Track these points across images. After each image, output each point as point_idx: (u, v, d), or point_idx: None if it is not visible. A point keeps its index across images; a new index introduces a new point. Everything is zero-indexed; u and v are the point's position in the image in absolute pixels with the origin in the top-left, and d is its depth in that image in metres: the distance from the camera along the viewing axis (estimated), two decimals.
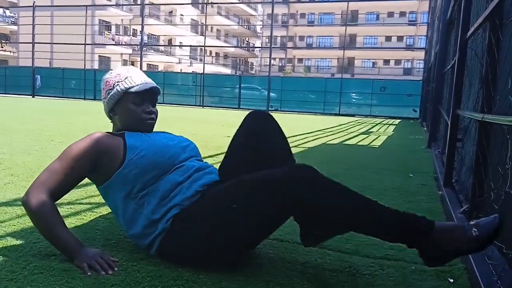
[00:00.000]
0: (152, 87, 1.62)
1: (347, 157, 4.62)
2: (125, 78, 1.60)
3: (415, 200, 2.65)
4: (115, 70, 1.66)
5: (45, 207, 1.42)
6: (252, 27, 47.23)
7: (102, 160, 1.51)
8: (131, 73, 1.63)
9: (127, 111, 1.60)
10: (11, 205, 2.10)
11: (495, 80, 1.96)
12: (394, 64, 42.95)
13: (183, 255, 1.44)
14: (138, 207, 1.49)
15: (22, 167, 3.08)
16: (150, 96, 1.63)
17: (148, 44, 27.04)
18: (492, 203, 1.66)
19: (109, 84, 1.62)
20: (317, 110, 17.34)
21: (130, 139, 1.55)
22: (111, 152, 1.51)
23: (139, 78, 1.62)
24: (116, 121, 1.64)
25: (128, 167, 1.49)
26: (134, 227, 1.51)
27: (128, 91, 1.59)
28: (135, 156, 1.50)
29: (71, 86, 20.92)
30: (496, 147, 1.78)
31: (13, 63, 33.22)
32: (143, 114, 1.61)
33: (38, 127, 6.05)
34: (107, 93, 1.61)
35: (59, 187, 1.47)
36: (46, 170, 1.48)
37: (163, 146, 1.56)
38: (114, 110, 1.62)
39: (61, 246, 1.44)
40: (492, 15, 1.95)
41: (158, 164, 1.50)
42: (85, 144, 1.50)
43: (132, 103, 1.59)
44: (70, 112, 10.20)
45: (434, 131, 6.08)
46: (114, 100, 1.60)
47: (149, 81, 1.63)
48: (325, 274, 1.46)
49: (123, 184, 1.50)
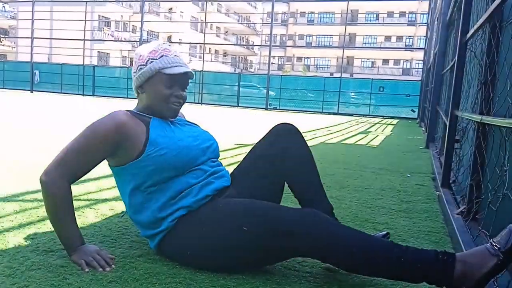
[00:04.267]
0: (187, 72, 1.52)
1: (345, 156, 4.63)
2: (160, 57, 1.51)
3: (413, 200, 2.66)
4: (150, 44, 1.56)
5: (61, 193, 1.40)
6: (251, 25, 47.17)
7: (122, 146, 1.44)
8: (167, 52, 1.53)
9: (156, 92, 1.51)
10: (9, 201, 2.10)
11: (494, 82, 1.97)
12: (393, 64, 42.96)
13: (182, 256, 1.44)
14: (145, 201, 1.47)
15: (21, 164, 3.07)
16: (182, 79, 1.54)
17: (147, 41, 26.95)
18: (489, 205, 1.67)
19: (142, 59, 1.52)
20: (316, 109, 17.35)
21: (154, 130, 1.48)
22: (133, 140, 1.45)
23: (175, 60, 1.52)
24: (143, 98, 1.55)
25: (145, 162, 1.44)
26: (139, 216, 1.49)
27: (162, 71, 1.49)
28: (154, 153, 1.44)
29: (69, 82, 20.85)
30: (494, 148, 1.79)
31: (12, 57, 33.11)
32: (172, 98, 1.52)
33: (38, 123, 6.03)
34: (139, 68, 1.53)
35: (77, 170, 1.43)
36: (66, 150, 1.43)
37: (184, 147, 1.49)
38: (143, 87, 1.54)
39: (63, 236, 1.43)
40: (492, 17, 1.96)
41: (175, 166, 1.46)
42: (107, 127, 1.43)
43: (163, 84, 1.50)
44: (70, 108, 10.16)
45: (432, 132, 6.09)
46: (145, 77, 1.51)
47: (184, 64, 1.54)
48: (322, 273, 1.46)
49: (134, 175, 1.46)
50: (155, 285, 1.28)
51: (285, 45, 42.46)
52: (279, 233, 1.32)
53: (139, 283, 1.29)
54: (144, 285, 1.28)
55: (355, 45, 40.25)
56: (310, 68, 43.88)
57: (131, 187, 1.48)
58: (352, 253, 1.28)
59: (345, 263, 1.33)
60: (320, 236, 1.30)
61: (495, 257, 1.17)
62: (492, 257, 1.18)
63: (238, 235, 1.36)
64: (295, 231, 1.30)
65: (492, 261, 1.18)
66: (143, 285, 1.28)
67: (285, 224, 1.33)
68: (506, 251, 1.16)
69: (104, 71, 21.69)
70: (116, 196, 2.33)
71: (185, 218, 1.44)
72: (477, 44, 2.65)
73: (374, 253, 1.28)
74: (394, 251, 1.27)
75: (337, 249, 1.29)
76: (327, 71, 42.24)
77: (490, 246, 1.20)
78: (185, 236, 1.42)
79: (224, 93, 19.22)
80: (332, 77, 22.01)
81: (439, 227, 2.10)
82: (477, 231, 1.76)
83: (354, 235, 1.32)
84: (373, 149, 5.71)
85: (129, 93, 19.97)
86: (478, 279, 1.19)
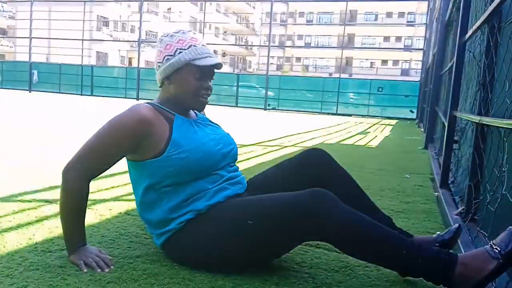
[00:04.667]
0: (218, 63, 1.47)
1: (344, 157, 4.62)
2: (188, 47, 1.44)
3: (412, 201, 2.66)
4: (176, 33, 1.49)
5: (77, 192, 1.40)
6: (250, 25, 47.17)
7: (144, 142, 1.40)
8: (195, 42, 1.46)
9: (185, 84, 1.45)
10: (8, 201, 2.09)
11: (493, 82, 1.97)
12: (392, 65, 42.99)
13: (186, 258, 1.43)
14: (158, 200, 1.44)
15: (19, 164, 3.07)
16: (211, 70, 1.49)
17: (146, 41, 26.94)
18: (488, 205, 1.67)
19: (170, 48, 1.45)
20: (315, 109, 17.34)
21: (177, 130, 1.43)
22: (155, 137, 1.40)
23: (204, 50, 1.46)
24: (169, 89, 1.49)
25: (164, 162, 1.40)
26: (148, 214, 1.47)
27: (192, 62, 1.43)
28: (175, 154, 1.40)
29: (68, 82, 20.82)
30: (492, 149, 1.79)
31: (10, 57, 33.04)
32: (202, 90, 1.47)
33: (36, 123, 6.02)
34: (166, 59, 1.45)
35: (98, 167, 1.42)
36: (87, 147, 1.40)
37: (206, 153, 1.45)
38: (170, 79, 1.47)
39: (67, 234, 1.43)
40: (490, 18, 1.96)
41: (194, 171, 1.43)
42: (130, 123, 1.39)
43: (192, 76, 1.44)
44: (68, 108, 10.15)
45: (431, 132, 6.10)
46: (173, 68, 1.45)
47: (213, 55, 1.48)
48: (321, 274, 1.46)
49: (151, 173, 1.43)
50: (154, 286, 1.28)
51: (284, 46, 42.46)
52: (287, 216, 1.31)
53: (138, 283, 1.29)
54: (142, 285, 1.28)
55: (354, 46, 40.27)
56: (309, 69, 43.91)
57: (146, 184, 1.45)
58: (358, 235, 1.28)
59: (350, 245, 1.31)
60: (329, 214, 1.28)
61: (495, 260, 1.18)
62: (492, 260, 1.18)
63: (244, 230, 1.35)
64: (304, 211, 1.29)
65: (492, 264, 1.18)
66: (141, 286, 1.28)
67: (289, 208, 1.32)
68: (506, 253, 1.16)
69: (103, 71, 21.67)
70: (114, 196, 2.32)
71: (192, 222, 1.42)
72: (475, 45, 2.65)
73: (379, 239, 1.27)
74: (399, 241, 1.27)
75: (344, 229, 1.28)
76: (326, 71, 42.24)
77: (490, 248, 1.20)
78: (191, 238, 1.41)
79: (222, 93, 19.19)
80: (331, 78, 22.00)
81: (437, 228, 2.10)
82: (475, 232, 1.76)
83: (363, 218, 1.31)
84: (372, 149, 5.72)
85: (127, 93, 19.95)
86: (476, 282, 1.19)
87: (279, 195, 1.40)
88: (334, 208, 1.29)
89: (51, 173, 2.72)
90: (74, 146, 1.47)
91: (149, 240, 1.68)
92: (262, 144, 5.34)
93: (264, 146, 5.15)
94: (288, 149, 5.02)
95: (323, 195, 1.31)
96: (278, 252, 1.45)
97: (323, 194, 1.31)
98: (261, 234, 1.35)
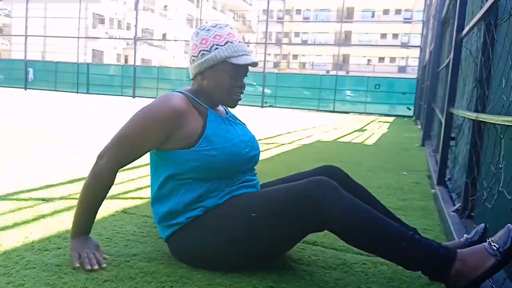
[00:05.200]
0: (254, 62, 1.44)
1: (341, 154, 4.63)
2: (225, 43, 1.41)
3: (409, 198, 2.67)
4: (213, 27, 1.45)
5: (103, 182, 1.40)
6: (247, 23, 47.09)
7: (176, 133, 1.38)
8: (232, 38, 1.43)
9: (220, 81, 1.43)
10: (4, 199, 2.08)
11: (489, 79, 1.97)
12: (389, 62, 43.03)
13: (189, 253, 1.43)
14: (174, 190, 1.43)
15: (16, 163, 3.05)
16: (246, 69, 1.46)
17: (142, 38, 26.88)
18: (484, 202, 1.68)
19: (206, 43, 1.42)
20: (312, 106, 17.36)
21: (211, 126, 1.42)
22: (188, 130, 1.39)
23: (241, 48, 1.43)
24: (202, 84, 1.47)
25: (192, 155, 1.38)
26: (161, 203, 1.46)
27: (228, 60, 1.40)
28: (205, 150, 1.38)
29: (63, 80, 20.75)
30: (489, 146, 1.79)
31: (6, 55, 32.87)
32: (236, 88, 1.45)
33: (33, 121, 6.00)
34: (201, 54, 1.42)
35: (127, 157, 1.40)
36: (118, 137, 1.39)
37: (235, 154, 1.43)
38: (204, 74, 1.45)
39: (78, 217, 1.43)
40: (487, 15, 1.96)
41: (221, 170, 1.41)
42: (162, 115, 1.36)
43: (227, 74, 1.42)
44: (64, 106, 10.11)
45: (428, 129, 6.11)
46: (208, 65, 1.42)
47: (249, 53, 1.45)
48: (319, 271, 1.46)
49: (176, 163, 1.40)
50: (151, 284, 1.28)
51: (280, 43, 42.42)
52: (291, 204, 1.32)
53: (135, 281, 1.29)
54: (139, 283, 1.28)
55: (351, 43, 40.28)
56: (306, 66, 43.87)
57: (167, 173, 1.42)
58: (359, 223, 1.27)
59: (350, 233, 1.30)
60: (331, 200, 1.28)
61: (493, 257, 1.18)
62: (490, 257, 1.19)
63: (249, 223, 1.35)
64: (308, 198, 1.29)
65: (490, 261, 1.18)
66: (138, 284, 1.28)
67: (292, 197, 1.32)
68: (505, 251, 1.17)
69: (99, 68, 21.60)
70: (111, 195, 2.31)
71: (200, 219, 1.41)
72: (472, 42, 2.66)
73: (379, 228, 1.27)
74: (400, 234, 1.26)
75: (346, 215, 1.27)
76: (323, 68, 42.21)
77: (488, 245, 1.21)
78: (197, 232, 1.40)
79: None
80: (328, 75, 22.00)
81: (434, 225, 2.10)
82: (472, 229, 1.76)
83: (366, 207, 1.30)
84: (369, 147, 5.72)
85: (123, 91, 19.90)
86: (473, 279, 1.19)
87: (280, 186, 1.41)
88: (335, 195, 1.29)
89: (47, 172, 2.71)
90: (71, 145, 1.46)
91: (146, 239, 1.67)
92: (259, 142, 5.33)
93: (261, 144, 5.15)
94: (285, 147, 5.02)
95: (324, 183, 1.31)
96: (284, 244, 1.43)
97: (324, 182, 1.32)
98: (266, 225, 1.35)
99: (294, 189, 1.35)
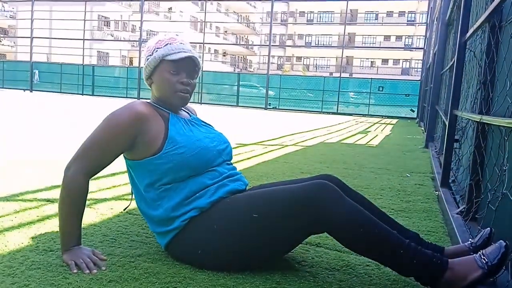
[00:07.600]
0: (191, 56, 1.49)
1: (344, 156, 4.63)
2: (165, 45, 1.49)
3: (412, 200, 2.66)
4: (158, 35, 1.57)
5: (76, 190, 1.41)
6: (251, 25, 47.16)
7: (141, 139, 1.43)
8: (172, 41, 1.51)
9: (163, 80, 1.49)
10: (9, 200, 2.10)
11: (493, 81, 1.97)
12: (392, 64, 42.99)
13: (191, 256, 1.43)
14: (159, 199, 1.45)
15: (21, 164, 3.07)
16: (188, 66, 1.51)
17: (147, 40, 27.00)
18: (489, 204, 1.67)
19: (149, 49, 1.52)
20: (315, 108, 17.36)
21: (173, 128, 1.47)
22: (152, 134, 1.44)
23: (179, 46, 1.50)
24: (153, 89, 1.54)
25: (162, 159, 1.43)
26: (150, 212, 1.48)
27: (165, 58, 1.48)
28: (172, 150, 1.43)
29: (69, 81, 20.85)
30: (493, 148, 1.79)
31: (11, 57, 33.09)
32: (178, 85, 1.49)
33: (38, 122, 6.02)
34: (146, 59, 1.52)
35: (97, 164, 1.43)
36: (85, 144, 1.43)
37: (203, 148, 1.48)
38: (151, 78, 1.53)
39: (63, 231, 1.42)
40: (491, 17, 1.96)
41: (193, 166, 1.45)
42: (126, 119, 1.42)
43: (168, 72, 1.49)
44: (70, 108, 10.15)
45: (431, 131, 6.10)
46: (151, 67, 1.51)
47: (189, 50, 1.51)
48: (322, 273, 1.46)
49: (151, 171, 1.45)
50: (155, 285, 1.29)
51: (284, 45, 42.46)
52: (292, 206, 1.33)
53: (139, 282, 1.30)
54: (143, 284, 1.28)
55: (355, 45, 40.25)
56: (309, 68, 43.89)
57: (145, 183, 1.46)
58: (357, 227, 1.28)
59: (347, 236, 1.32)
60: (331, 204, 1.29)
61: (481, 269, 1.22)
62: (478, 269, 1.23)
63: (250, 224, 1.36)
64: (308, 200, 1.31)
65: (477, 273, 1.22)
66: (142, 285, 1.28)
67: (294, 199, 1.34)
68: (493, 265, 1.21)
69: (104, 70, 21.68)
70: (115, 196, 2.33)
71: (196, 218, 1.43)
72: (476, 44, 2.65)
73: (376, 234, 1.28)
74: (398, 240, 1.28)
75: (345, 220, 1.29)
76: (326, 70, 42.25)
77: (479, 258, 1.25)
78: (196, 235, 1.41)
79: (223, 92, 19.22)
80: (332, 77, 21.98)
81: (438, 227, 2.10)
82: (476, 231, 1.76)
83: (365, 213, 1.32)
84: (373, 148, 5.71)
85: (129, 92, 19.97)
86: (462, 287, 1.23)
87: (281, 187, 1.42)
88: (336, 199, 1.31)
89: (52, 173, 2.72)
90: (76, 146, 1.47)
91: (150, 239, 1.68)
92: (263, 143, 5.34)
93: (264, 146, 5.15)
94: (288, 148, 5.03)
95: (326, 186, 1.33)
96: (284, 245, 1.44)
97: (326, 185, 1.33)
98: (267, 226, 1.36)
99: (296, 190, 1.36)
